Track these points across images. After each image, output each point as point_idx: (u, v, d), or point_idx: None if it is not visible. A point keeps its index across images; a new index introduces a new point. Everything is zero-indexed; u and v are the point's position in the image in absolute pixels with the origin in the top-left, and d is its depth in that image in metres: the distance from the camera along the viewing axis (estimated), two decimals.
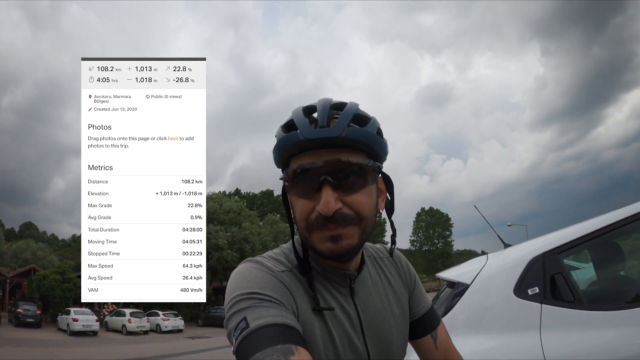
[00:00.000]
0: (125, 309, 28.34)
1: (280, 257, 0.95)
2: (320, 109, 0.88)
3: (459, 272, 2.58)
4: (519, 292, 2.14)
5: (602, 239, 2.19)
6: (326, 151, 0.85)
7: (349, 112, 0.87)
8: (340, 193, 0.84)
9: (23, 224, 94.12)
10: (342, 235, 0.85)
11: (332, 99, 0.93)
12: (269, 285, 0.84)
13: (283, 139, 0.87)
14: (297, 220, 0.90)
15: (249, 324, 0.75)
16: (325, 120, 0.85)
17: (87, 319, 24.99)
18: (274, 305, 0.79)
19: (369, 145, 0.87)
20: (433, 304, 1.18)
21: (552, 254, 2.16)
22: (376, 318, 0.99)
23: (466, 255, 76.26)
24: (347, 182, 0.85)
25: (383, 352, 0.99)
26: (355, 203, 0.86)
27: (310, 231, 0.87)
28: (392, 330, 1.02)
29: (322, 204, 0.82)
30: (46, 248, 52.28)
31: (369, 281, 1.03)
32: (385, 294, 1.05)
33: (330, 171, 0.84)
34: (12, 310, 27.85)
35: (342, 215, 0.84)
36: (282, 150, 0.88)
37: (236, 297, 0.81)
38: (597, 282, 2.54)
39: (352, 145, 0.85)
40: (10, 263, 38.76)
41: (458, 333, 2.28)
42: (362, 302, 0.98)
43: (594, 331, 1.93)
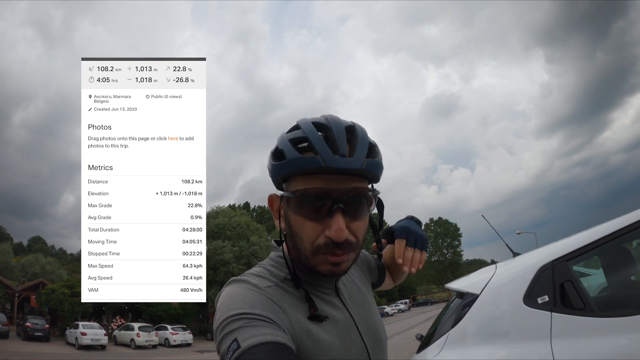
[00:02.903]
0: (133, 323, 28.37)
1: (264, 273, 0.95)
2: (336, 132, 0.87)
3: (468, 283, 2.56)
4: (528, 301, 2.12)
5: (611, 245, 2.16)
6: (339, 177, 0.85)
7: (365, 142, 0.89)
8: (347, 220, 0.86)
9: (32, 238, 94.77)
10: (343, 261, 0.88)
11: (340, 118, 0.93)
12: (258, 304, 0.83)
13: (299, 160, 0.85)
14: (301, 240, 0.89)
15: (240, 344, 0.75)
16: (345, 148, 0.85)
17: (95, 332, 25.02)
18: (264, 324, 0.79)
19: (377, 175, 0.90)
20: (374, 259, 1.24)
21: (561, 262, 2.14)
22: (362, 310, 1.03)
23: (476, 265, 75.85)
24: (352, 209, 0.87)
25: (375, 339, 1.01)
26: (357, 230, 0.89)
27: (315, 254, 0.88)
28: (375, 318, 1.06)
29: (335, 230, 0.84)
30: (55, 262, 52.45)
31: (346, 278, 1.07)
32: (356, 286, 1.10)
33: (342, 199, 0.85)
34: (21, 324, 27.95)
35: (349, 242, 0.87)
36: (293, 170, 0.87)
37: (226, 320, 0.81)
38: (608, 288, 2.50)
39: (364, 175, 0.87)
40: (19, 277, 38.88)
41: (468, 343, 2.26)
42: (348, 299, 1.02)
43: (606, 338, 1.89)
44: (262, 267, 0.98)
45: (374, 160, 0.88)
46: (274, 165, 0.90)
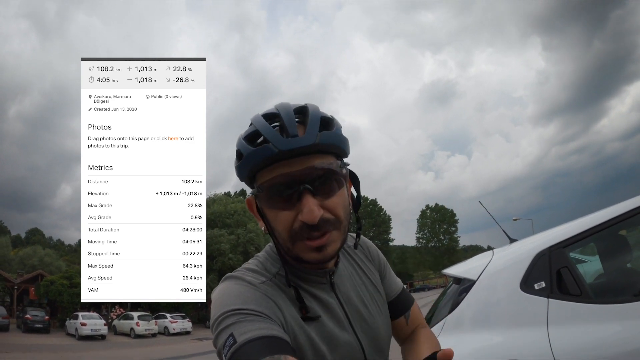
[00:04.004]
0: (133, 312, 28.48)
1: (258, 267, 0.95)
2: (285, 116, 0.87)
3: (465, 269, 2.57)
4: (525, 287, 2.13)
5: (608, 232, 2.18)
6: (298, 159, 0.85)
7: (316, 117, 0.88)
8: (319, 199, 0.85)
9: (29, 230, 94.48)
10: (327, 244, 0.87)
11: (289, 103, 0.93)
12: (252, 300, 0.84)
13: (253, 153, 0.86)
14: (278, 231, 0.89)
15: (237, 339, 0.76)
16: (295, 129, 0.85)
17: (95, 323, 25.09)
18: (259, 319, 0.80)
19: (339, 147, 0.89)
20: (403, 288, 1.20)
21: (558, 248, 2.15)
22: (359, 307, 1.01)
23: (472, 251, 76.10)
24: (323, 187, 0.86)
25: (372, 338, 1.00)
26: (333, 207, 0.87)
27: (294, 242, 0.87)
28: (375, 316, 1.04)
29: (306, 212, 0.83)
30: (53, 254, 52.33)
31: (346, 273, 1.04)
32: (362, 283, 1.07)
33: (307, 179, 0.84)
34: (21, 316, 28.01)
35: (325, 221, 0.86)
36: (251, 165, 0.87)
37: (221, 315, 0.82)
38: (604, 275, 2.52)
39: (322, 150, 0.86)
40: (18, 269, 38.82)
41: (465, 329, 2.28)
42: (344, 295, 1.00)
43: (602, 324, 1.92)
44: (257, 260, 0.99)
45: (328, 132, 0.87)
46: (236, 168, 0.91)
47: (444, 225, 76.02)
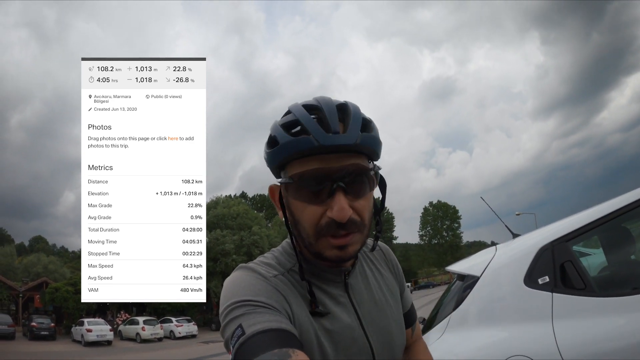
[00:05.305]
0: (138, 317, 28.51)
1: (272, 261, 0.95)
2: (327, 110, 0.86)
3: (468, 265, 2.57)
4: (529, 282, 2.12)
5: (611, 224, 2.17)
6: (334, 156, 0.84)
7: (358, 117, 0.87)
8: (349, 198, 0.84)
9: (33, 238, 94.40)
10: (349, 243, 0.86)
11: (331, 98, 0.92)
12: (262, 292, 0.84)
13: (292, 143, 0.84)
14: (302, 225, 0.88)
15: (245, 330, 0.75)
16: (337, 125, 0.84)
17: (101, 329, 25.14)
18: (268, 311, 0.79)
19: (374, 150, 0.88)
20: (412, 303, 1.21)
21: (561, 242, 2.14)
22: (373, 310, 0.99)
23: (476, 247, 76.04)
24: (354, 187, 0.85)
25: (385, 342, 0.99)
26: (361, 209, 0.87)
27: (318, 237, 0.86)
28: (389, 320, 1.02)
29: (337, 210, 0.82)
30: (57, 261, 52.31)
31: (362, 275, 1.03)
32: (378, 286, 1.05)
33: (342, 177, 0.83)
34: (26, 324, 28.04)
35: (352, 222, 0.85)
36: (287, 153, 0.85)
37: (230, 306, 0.81)
38: (608, 267, 2.51)
39: (359, 150, 0.86)
40: (22, 277, 38.89)
41: (470, 326, 2.28)
42: (358, 296, 0.98)
43: (606, 318, 1.91)
44: (272, 254, 0.98)
45: (369, 134, 0.86)
46: (269, 153, 0.89)
47: (446, 221, 76.01)
